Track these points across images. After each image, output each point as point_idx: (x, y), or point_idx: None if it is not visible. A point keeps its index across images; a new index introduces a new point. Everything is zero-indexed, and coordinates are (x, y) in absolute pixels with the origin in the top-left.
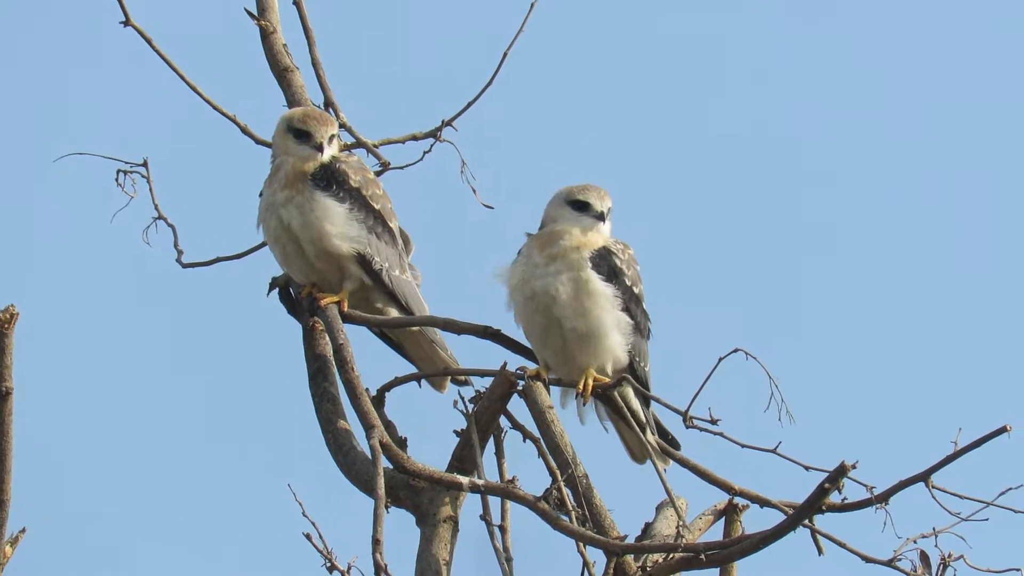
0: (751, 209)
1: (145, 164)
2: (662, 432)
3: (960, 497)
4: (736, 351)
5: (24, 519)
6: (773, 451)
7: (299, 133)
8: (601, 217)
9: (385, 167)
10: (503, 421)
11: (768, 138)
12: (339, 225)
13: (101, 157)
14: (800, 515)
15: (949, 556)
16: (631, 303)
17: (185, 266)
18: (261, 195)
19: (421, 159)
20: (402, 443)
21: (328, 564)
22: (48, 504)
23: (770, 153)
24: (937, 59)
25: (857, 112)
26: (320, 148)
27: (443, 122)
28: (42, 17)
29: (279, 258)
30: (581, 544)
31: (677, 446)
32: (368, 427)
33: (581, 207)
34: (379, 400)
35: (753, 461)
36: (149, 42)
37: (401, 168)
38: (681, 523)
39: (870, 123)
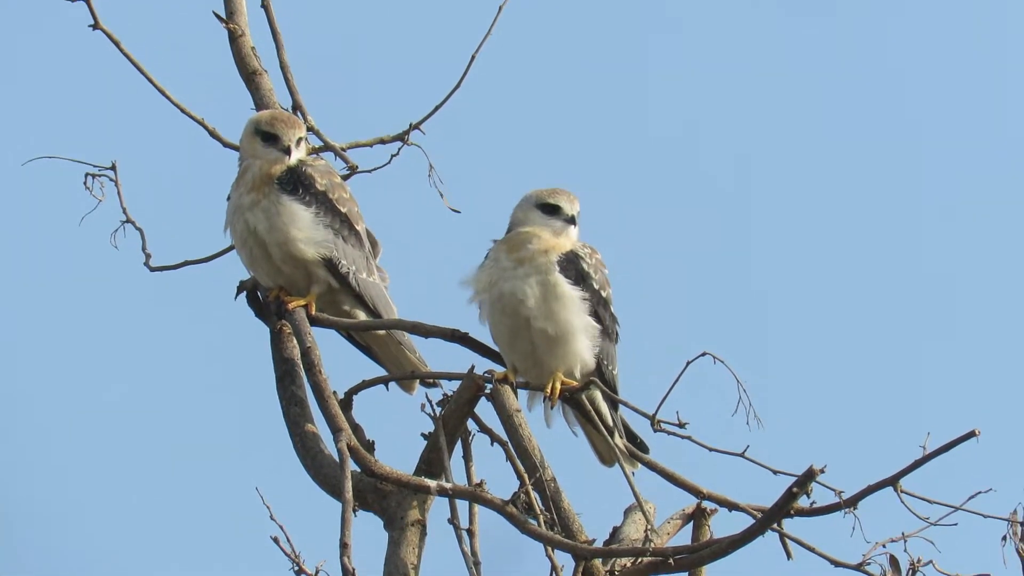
0: (719, 212)
1: (113, 167)
2: (630, 436)
3: (929, 502)
4: (704, 355)
5: None
6: (741, 455)
7: (267, 136)
8: (572, 220)
9: (353, 170)
10: (471, 424)
11: (734, 140)
12: (305, 230)
13: (69, 160)
14: (769, 519)
15: (918, 561)
16: (599, 307)
17: (153, 269)
18: (229, 198)
19: (389, 162)
20: (370, 446)
21: (296, 568)
22: (16, 507)
23: (736, 155)
24: (902, 62)
25: (820, 114)
26: (287, 151)
27: (411, 125)
28: (10, 19)
29: (246, 261)
30: (549, 548)
31: (646, 450)
32: (336, 430)
33: (551, 210)
34: (347, 403)
35: (721, 465)
36: (117, 45)
37: (369, 171)
38: (649, 527)
39: (832, 124)
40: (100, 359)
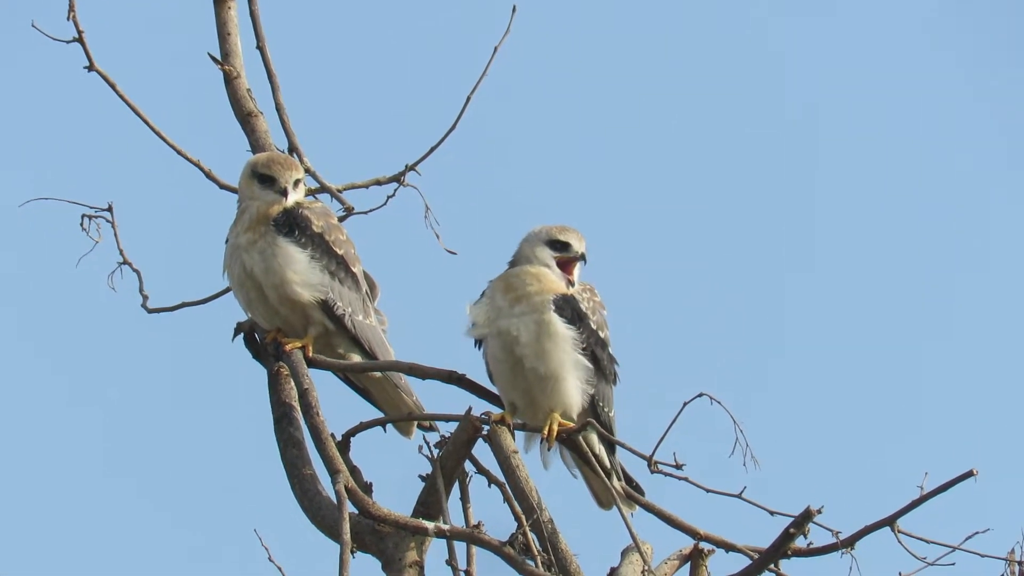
0: (715, 256)
1: (110, 209)
2: (627, 478)
3: (926, 542)
4: (701, 395)
5: None
6: (738, 496)
7: (263, 178)
8: (582, 258)
9: (349, 212)
10: (468, 466)
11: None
12: (300, 272)
13: (66, 202)
14: (766, 560)
15: None
16: (596, 347)
17: (150, 311)
18: (227, 240)
19: (385, 204)
20: (367, 488)
21: None
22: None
23: (734, 197)
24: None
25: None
26: (284, 193)
27: (407, 167)
28: (5, 62)
29: (243, 303)
30: None
31: (642, 492)
32: (333, 472)
33: (561, 247)
34: (344, 445)
35: (718, 506)
36: (113, 87)
37: (365, 213)
38: (647, 568)
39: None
40: (97, 401)
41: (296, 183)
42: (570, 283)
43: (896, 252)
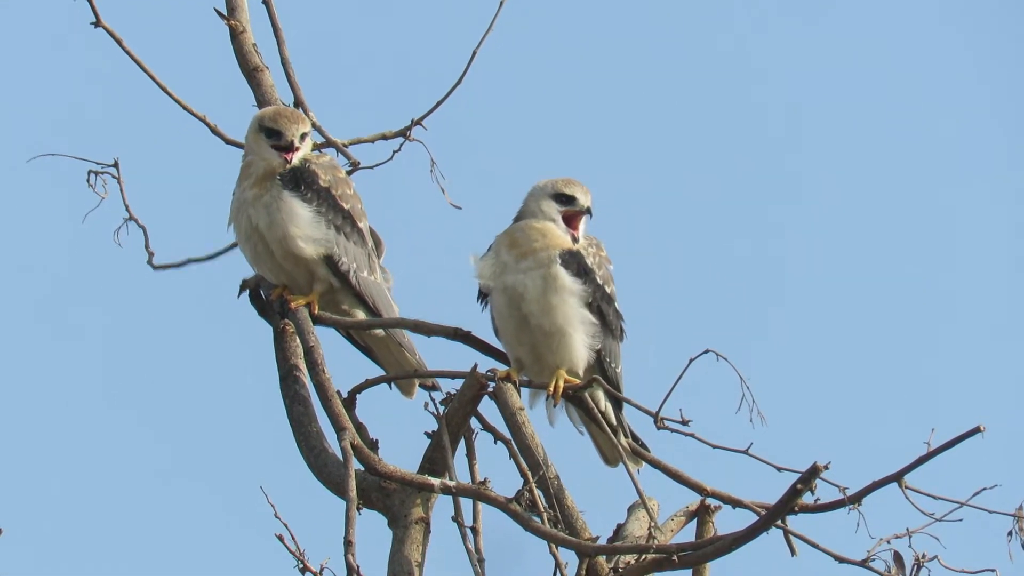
0: (722, 208)
1: (116, 165)
2: (633, 435)
3: (934, 498)
4: (707, 352)
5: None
6: (745, 452)
7: (270, 132)
8: (588, 211)
9: (355, 167)
10: (474, 423)
11: (745, 134)
12: (303, 227)
13: (72, 158)
14: (773, 516)
15: (923, 556)
16: (602, 302)
17: (156, 268)
18: (233, 194)
19: (391, 158)
20: (373, 445)
21: (300, 565)
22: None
23: (744, 150)
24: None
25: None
26: (291, 146)
27: (412, 121)
28: (11, 18)
29: (249, 257)
30: (553, 545)
31: (647, 449)
32: (339, 429)
33: (567, 201)
34: (350, 402)
35: (725, 462)
36: (119, 43)
37: (371, 168)
38: (653, 524)
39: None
40: (103, 357)
41: (303, 136)
42: (574, 238)
43: (908, 201)
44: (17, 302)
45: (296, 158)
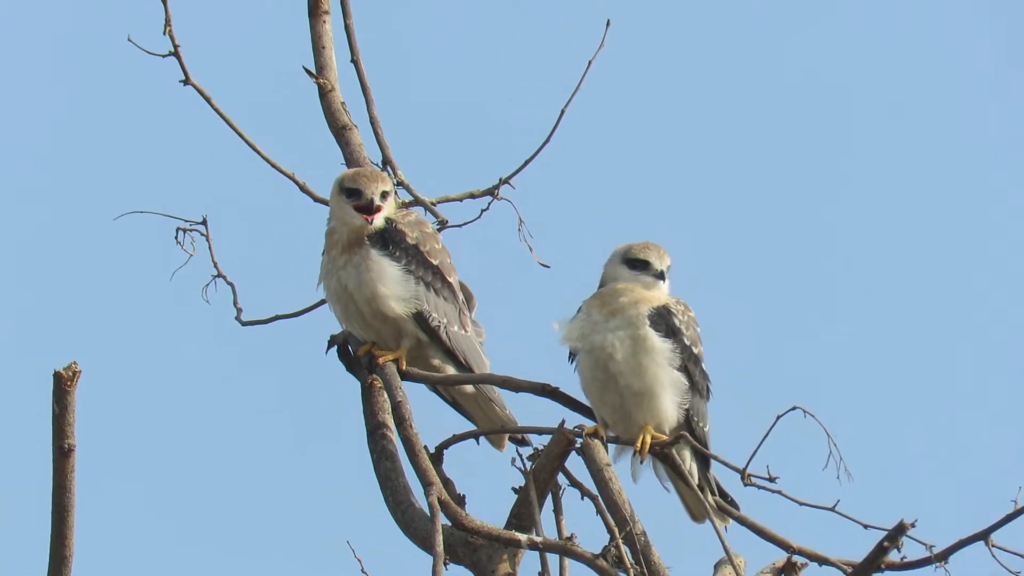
0: (807, 265)
1: (204, 222)
2: (722, 493)
3: (1020, 556)
4: (794, 409)
5: (87, 575)
6: (832, 509)
7: (351, 192)
8: (661, 276)
9: (443, 225)
10: (561, 478)
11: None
12: (391, 286)
13: (161, 215)
14: (859, 574)
15: None
16: (690, 363)
17: (244, 324)
18: (323, 254)
19: (479, 217)
20: (460, 500)
21: None
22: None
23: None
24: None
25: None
26: (371, 204)
27: (500, 180)
28: (102, 77)
29: (340, 316)
30: None
31: (736, 507)
32: (426, 484)
33: (640, 266)
34: (437, 457)
35: (812, 519)
36: (208, 101)
37: (459, 226)
38: None
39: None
40: (192, 414)
41: (383, 195)
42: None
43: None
44: (106, 360)
45: (379, 219)
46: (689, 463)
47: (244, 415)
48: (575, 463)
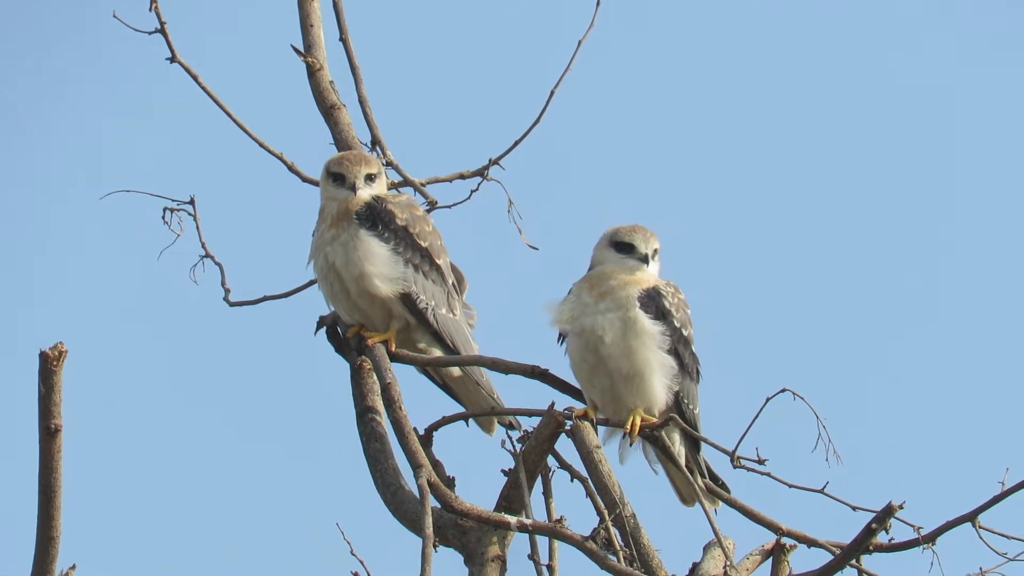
0: (796, 248)
1: (192, 202)
2: (712, 476)
3: (1007, 537)
4: (783, 391)
5: (74, 556)
6: (821, 491)
7: (336, 176)
8: (645, 259)
9: (432, 206)
10: (551, 461)
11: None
12: (379, 266)
13: (148, 195)
14: (847, 555)
15: None
16: (680, 345)
17: (232, 304)
18: (313, 235)
19: (468, 198)
20: (450, 482)
21: None
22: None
23: (820, 188)
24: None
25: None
26: (353, 188)
27: (490, 161)
28: (89, 56)
29: (327, 295)
30: None
31: (727, 489)
32: (416, 466)
33: (626, 249)
34: (427, 439)
35: (801, 501)
36: (195, 79)
37: (448, 207)
38: (729, 563)
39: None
40: (180, 394)
41: (369, 177)
42: None
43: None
44: (92, 339)
45: (363, 192)
46: (679, 445)
47: (232, 396)
48: (565, 445)
